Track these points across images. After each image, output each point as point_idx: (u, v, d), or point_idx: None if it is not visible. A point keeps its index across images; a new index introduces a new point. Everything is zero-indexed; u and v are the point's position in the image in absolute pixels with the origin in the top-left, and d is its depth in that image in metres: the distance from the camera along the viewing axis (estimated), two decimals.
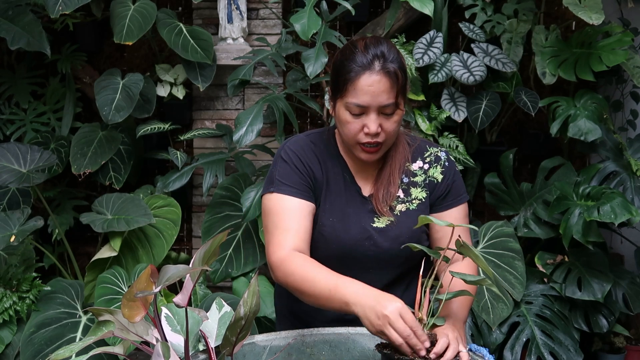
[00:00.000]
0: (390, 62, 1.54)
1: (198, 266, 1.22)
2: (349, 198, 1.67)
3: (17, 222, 3.06)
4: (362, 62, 1.54)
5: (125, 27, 3.20)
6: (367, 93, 1.53)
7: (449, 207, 1.69)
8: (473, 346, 1.43)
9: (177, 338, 1.35)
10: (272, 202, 1.63)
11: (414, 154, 1.72)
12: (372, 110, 1.55)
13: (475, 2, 3.29)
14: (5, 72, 3.66)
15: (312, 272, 1.49)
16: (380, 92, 1.53)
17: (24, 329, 2.90)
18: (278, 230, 1.59)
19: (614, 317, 3.09)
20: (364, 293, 1.37)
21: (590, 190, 3.08)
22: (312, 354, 1.51)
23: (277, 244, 1.58)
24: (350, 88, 1.54)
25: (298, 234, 1.58)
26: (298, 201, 1.62)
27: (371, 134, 1.56)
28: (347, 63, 1.56)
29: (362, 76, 1.53)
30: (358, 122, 1.56)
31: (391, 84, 1.54)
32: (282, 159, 1.67)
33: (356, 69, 1.54)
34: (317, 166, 1.67)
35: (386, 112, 1.56)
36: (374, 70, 1.53)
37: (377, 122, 1.55)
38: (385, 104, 1.54)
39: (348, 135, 1.59)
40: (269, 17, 3.56)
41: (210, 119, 3.63)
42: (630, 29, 3.37)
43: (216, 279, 3.18)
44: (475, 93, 3.34)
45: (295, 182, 1.63)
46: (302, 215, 1.61)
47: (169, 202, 3.27)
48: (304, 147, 1.69)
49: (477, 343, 2.94)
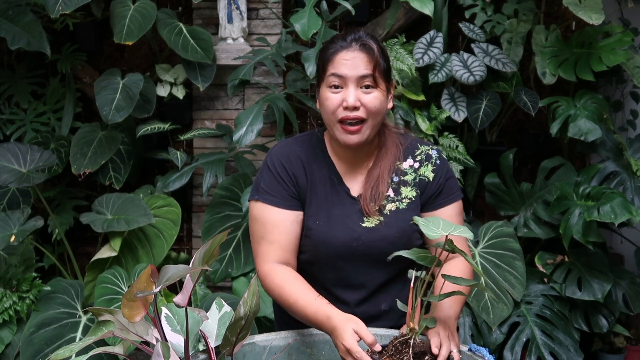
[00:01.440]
0: (368, 40, 1.61)
1: (198, 266, 1.22)
2: (336, 200, 1.67)
3: (17, 222, 3.06)
4: (341, 44, 1.61)
5: (125, 27, 3.20)
6: (344, 65, 1.59)
7: (442, 205, 1.69)
8: (473, 346, 1.43)
9: (177, 338, 1.35)
10: (258, 210, 1.67)
11: (405, 153, 1.72)
12: (350, 81, 1.58)
13: (475, 2, 3.29)
14: (5, 72, 3.66)
15: (290, 290, 1.56)
16: (358, 64, 1.58)
17: (24, 329, 2.90)
18: (264, 242, 1.65)
19: (614, 317, 3.09)
20: (328, 324, 1.44)
21: (590, 190, 3.08)
22: (312, 354, 1.51)
23: (262, 256, 1.64)
24: (329, 66, 1.61)
25: (282, 246, 1.63)
26: (282, 212, 1.65)
27: (350, 106, 1.58)
28: (327, 48, 1.64)
29: (340, 52, 1.60)
30: (337, 96, 1.60)
31: (369, 58, 1.59)
32: (268, 168, 1.69)
33: (335, 48, 1.61)
34: (301, 171, 1.68)
35: (365, 84, 1.59)
36: (351, 48, 1.60)
37: (355, 95, 1.58)
38: (363, 73, 1.58)
39: (328, 113, 1.62)
40: (269, 17, 3.56)
41: (210, 119, 3.63)
42: (630, 29, 3.37)
43: (216, 279, 3.18)
44: (475, 93, 3.34)
45: (280, 192, 1.66)
46: (286, 225, 1.65)
47: (169, 202, 3.27)
48: (289, 154, 1.70)
49: (477, 343, 2.94)
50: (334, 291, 1.68)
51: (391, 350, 1.34)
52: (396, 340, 1.37)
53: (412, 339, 1.34)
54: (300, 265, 1.70)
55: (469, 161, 3.20)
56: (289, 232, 1.64)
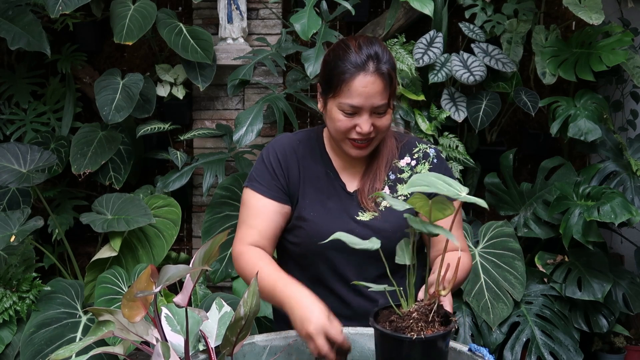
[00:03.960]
0: (384, 64, 1.57)
1: (198, 266, 1.22)
2: (332, 193, 1.68)
3: (17, 222, 3.06)
4: (356, 63, 1.56)
5: (125, 27, 3.20)
6: (361, 94, 1.55)
7: None
8: (473, 346, 1.42)
9: (177, 338, 1.35)
10: (246, 196, 1.72)
11: (402, 150, 1.72)
12: (365, 111, 1.57)
13: (475, 2, 3.29)
14: (5, 72, 3.66)
15: (259, 267, 1.56)
16: (374, 94, 1.56)
17: (24, 329, 2.90)
18: (244, 225, 1.69)
19: (614, 317, 3.09)
20: (297, 300, 1.45)
21: (590, 190, 3.08)
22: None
23: (240, 238, 1.68)
24: (345, 89, 1.56)
25: (260, 232, 1.66)
26: (267, 201, 1.68)
27: (364, 134, 1.59)
28: (340, 63, 1.58)
29: (356, 77, 1.55)
30: (350, 121, 1.59)
31: (384, 86, 1.56)
32: (262, 159, 1.73)
33: (351, 70, 1.56)
34: (294, 166, 1.70)
35: (379, 112, 1.59)
36: (368, 72, 1.55)
37: (369, 123, 1.58)
38: (379, 104, 1.57)
39: (338, 132, 1.62)
40: (269, 17, 3.56)
41: (210, 119, 3.63)
42: (630, 29, 3.37)
43: (216, 279, 3.18)
44: (475, 93, 3.34)
45: (268, 183, 1.69)
46: (267, 214, 1.67)
47: (169, 202, 3.27)
48: (286, 147, 1.73)
49: (477, 343, 2.94)
50: (329, 284, 1.68)
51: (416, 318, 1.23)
52: (418, 308, 1.25)
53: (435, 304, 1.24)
54: (294, 257, 1.72)
55: (469, 161, 3.20)
56: (269, 221, 1.67)
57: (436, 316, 1.22)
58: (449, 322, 1.22)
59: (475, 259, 3.07)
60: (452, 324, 1.22)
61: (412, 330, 1.18)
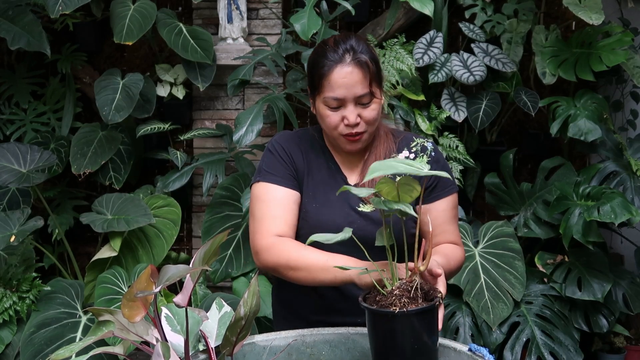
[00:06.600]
0: (361, 53, 1.61)
1: (198, 266, 1.22)
2: (334, 185, 1.70)
3: (17, 222, 3.06)
4: (333, 57, 1.61)
5: (125, 27, 3.20)
6: (341, 86, 1.60)
7: (437, 198, 1.71)
8: (473, 346, 1.42)
9: (177, 338, 1.35)
10: (259, 190, 1.70)
11: (400, 145, 1.74)
12: (348, 101, 1.61)
13: (475, 2, 3.29)
14: (5, 72, 3.66)
15: (304, 250, 1.57)
16: (355, 83, 1.60)
17: (24, 329, 2.90)
18: (266, 218, 1.66)
19: (614, 317, 3.09)
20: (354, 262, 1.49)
21: (590, 190, 3.08)
22: (312, 354, 1.51)
23: (265, 231, 1.65)
24: (325, 83, 1.61)
25: (285, 221, 1.66)
26: (284, 190, 1.68)
27: (351, 124, 1.62)
28: (319, 59, 1.63)
29: (334, 70, 1.60)
30: (337, 114, 1.63)
31: (364, 74, 1.60)
32: (269, 151, 1.74)
33: (328, 64, 1.61)
34: (299, 156, 1.73)
35: (363, 102, 1.62)
36: (345, 63, 1.60)
37: (355, 113, 1.61)
38: (361, 94, 1.61)
39: (329, 128, 1.66)
40: (269, 17, 3.56)
41: (210, 119, 3.63)
42: (630, 29, 3.37)
43: (216, 279, 3.18)
44: (475, 93, 3.34)
45: (281, 172, 1.70)
46: (287, 203, 1.68)
47: (169, 202, 3.27)
48: (289, 139, 1.76)
49: (477, 343, 2.93)
50: None
51: (398, 294, 1.31)
52: (400, 285, 1.34)
53: (416, 281, 1.32)
54: None
55: (469, 161, 3.20)
56: (291, 210, 1.67)
57: (420, 293, 1.28)
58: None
59: (475, 259, 3.07)
60: (436, 299, 1.29)
61: (395, 306, 1.25)
